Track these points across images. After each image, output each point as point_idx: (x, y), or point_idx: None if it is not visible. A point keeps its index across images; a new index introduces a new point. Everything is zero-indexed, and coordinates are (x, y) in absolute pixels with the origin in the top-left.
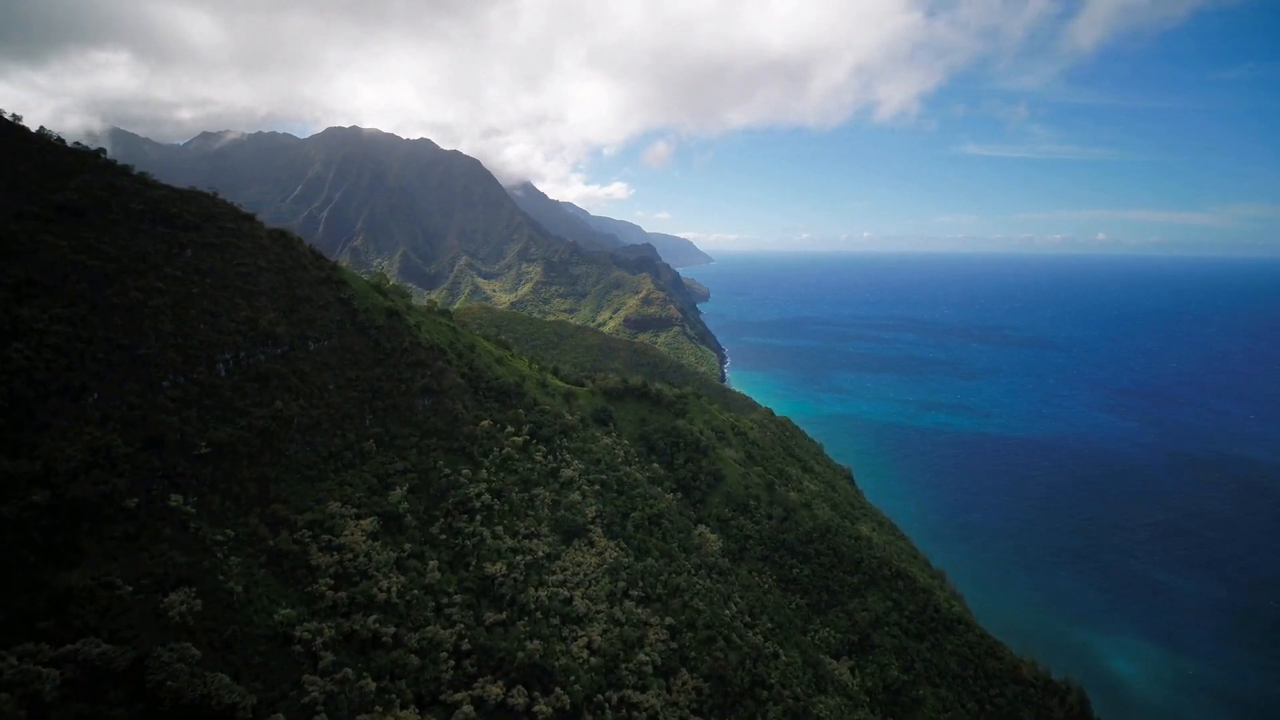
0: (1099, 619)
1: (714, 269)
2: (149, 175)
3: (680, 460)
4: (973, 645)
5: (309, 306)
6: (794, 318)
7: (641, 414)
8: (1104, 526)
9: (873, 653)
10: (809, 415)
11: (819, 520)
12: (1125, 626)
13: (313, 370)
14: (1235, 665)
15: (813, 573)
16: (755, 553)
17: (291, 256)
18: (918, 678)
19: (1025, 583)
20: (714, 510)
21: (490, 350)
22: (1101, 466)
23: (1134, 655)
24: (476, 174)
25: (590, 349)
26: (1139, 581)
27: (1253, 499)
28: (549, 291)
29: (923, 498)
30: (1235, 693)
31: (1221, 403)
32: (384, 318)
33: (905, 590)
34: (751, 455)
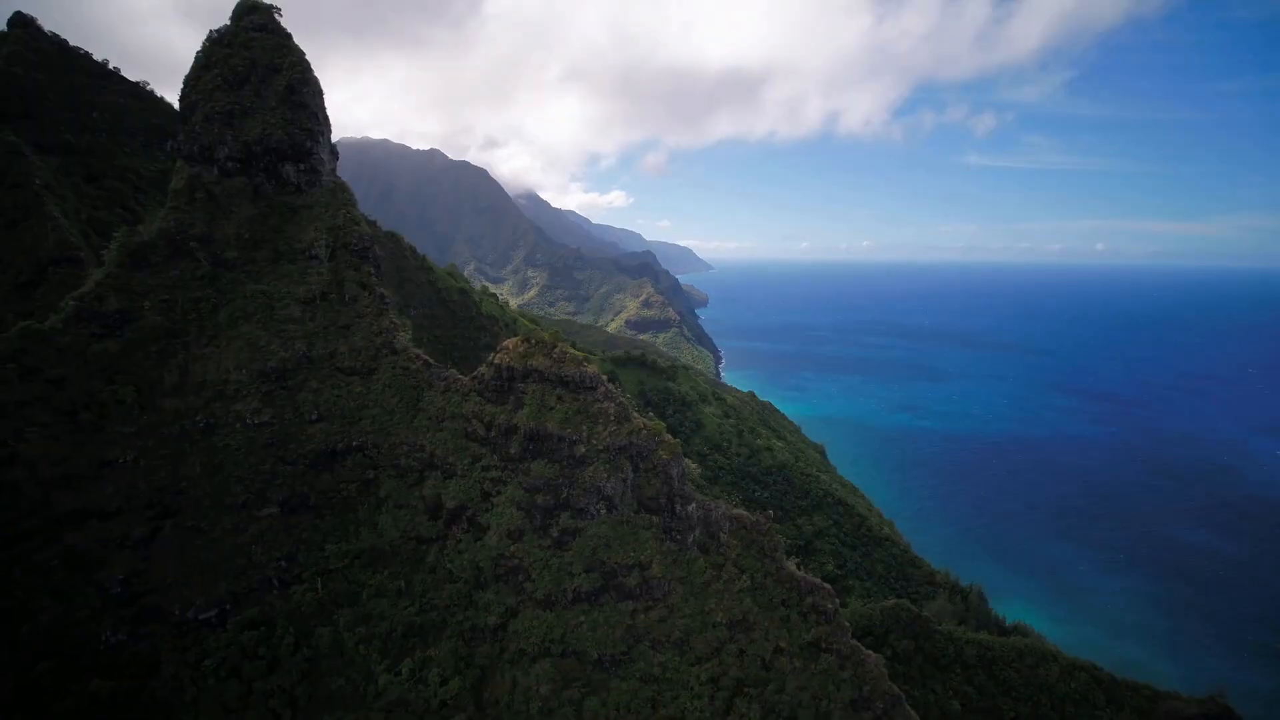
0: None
1: (713, 276)
2: None
3: (670, 411)
4: (897, 557)
5: (410, 285)
6: (790, 324)
7: (640, 377)
8: (1047, 513)
9: (814, 555)
10: (798, 413)
11: (778, 459)
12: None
13: (414, 328)
14: (1108, 596)
15: (770, 496)
16: (726, 480)
17: (399, 249)
18: (848, 574)
19: (978, 556)
20: (695, 448)
21: (526, 324)
22: (1067, 463)
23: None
24: (483, 184)
25: (595, 343)
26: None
27: (1177, 486)
28: (553, 295)
29: (893, 482)
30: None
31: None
32: (457, 294)
33: (844, 514)
34: (728, 415)
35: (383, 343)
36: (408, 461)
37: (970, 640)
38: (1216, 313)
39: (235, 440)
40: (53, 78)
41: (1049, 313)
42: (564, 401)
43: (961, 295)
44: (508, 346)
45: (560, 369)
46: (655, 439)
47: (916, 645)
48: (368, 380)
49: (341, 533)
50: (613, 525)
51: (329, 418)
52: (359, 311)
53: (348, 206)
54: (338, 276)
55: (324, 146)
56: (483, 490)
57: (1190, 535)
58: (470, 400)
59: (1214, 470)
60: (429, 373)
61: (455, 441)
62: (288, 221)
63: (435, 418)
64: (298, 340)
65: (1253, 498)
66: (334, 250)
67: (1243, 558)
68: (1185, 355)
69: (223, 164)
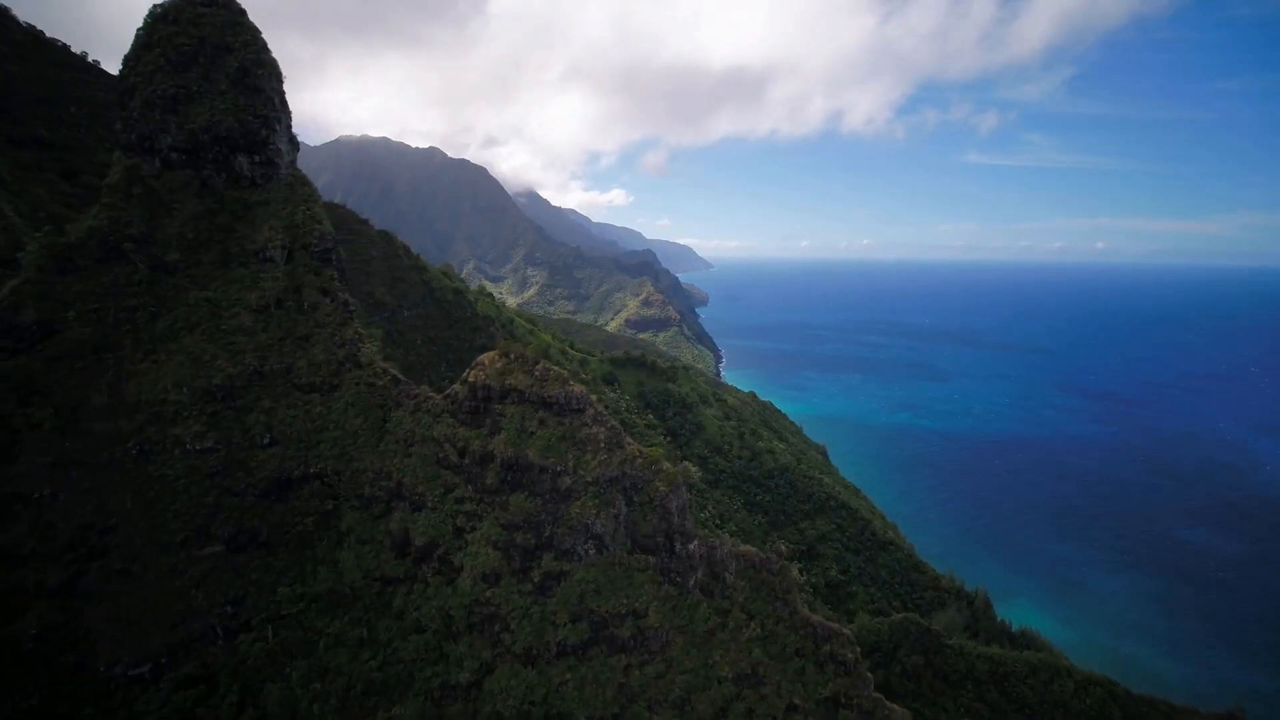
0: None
1: (714, 275)
2: None
3: (670, 413)
4: (901, 561)
5: (403, 284)
6: (791, 322)
7: (640, 378)
8: (1047, 512)
9: (817, 560)
10: (799, 413)
11: (780, 462)
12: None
13: (408, 329)
14: (1116, 600)
15: (772, 499)
16: (727, 483)
17: (392, 249)
18: (852, 579)
19: (981, 558)
20: (696, 451)
21: (523, 324)
22: (1071, 463)
23: (1050, 613)
24: (482, 182)
25: (595, 343)
26: (1071, 561)
27: (1178, 485)
28: (553, 294)
29: (894, 481)
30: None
31: (1206, 408)
32: (452, 294)
33: (848, 518)
34: (729, 416)
35: (346, 355)
36: (372, 491)
37: (982, 655)
38: (1217, 311)
39: (173, 469)
40: (27, 70)
41: (1049, 311)
42: (547, 426)
43: (961, 294)
44: (483, 362)
45: (542, 389)
46: (652, 468)
47: (926, 661)
48: (328, 398)
49: (296, 573)
50: (603, 568)
51: (283, 441)
52: (319, 320)
53: (308, 203)
54: (296, 281)
55: (281, 135)
56: (455, 526)
57: (1192, 535)
58: (443, 422)
59: (1215, 469)
60: (397, 390)
61: (425, 469)
62: (239, 219)
63: (404, 441)
64: (248, 353)
65: (1254, 497)
66: (292, 252)
67: (1244, 557)
68: (1186, 354)
69: (165, 155)
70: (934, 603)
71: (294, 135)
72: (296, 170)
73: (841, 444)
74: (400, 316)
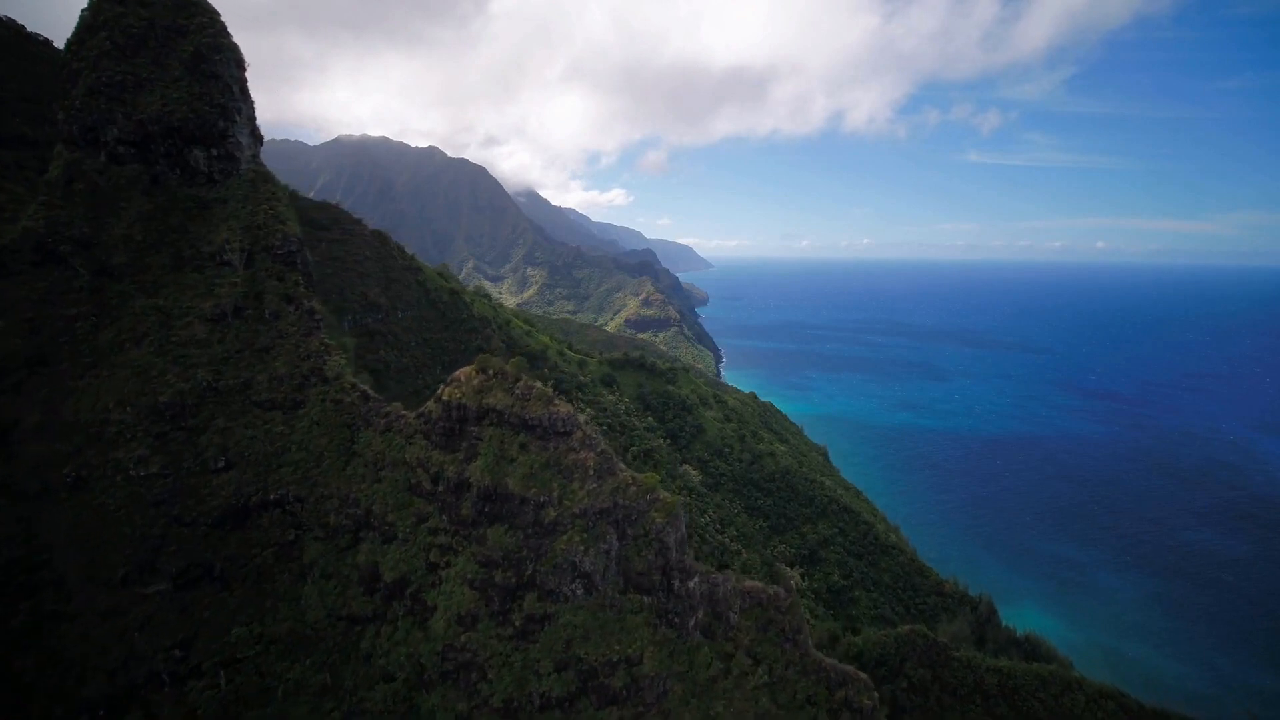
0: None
1: (714, 275)
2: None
3: (670, 416)
4: (904, 566)
5: (397, 285)
6: (790, 322)
7: (639, 380)
8: (1055, 513)
9: (819, 565)
10: (799, 412)
11: (781, 465)
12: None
13: (402, 331)
14: (1123, 600)
15: (774, 503)
16: (727, 486)
17: (385, 249)
18: (855, 584)
19: (982, 560)
20: (696, 454)
21: (520, 325)
22: (1071, 463)
23: (1053, 612)
24: (482, 181)
25: (594, 344)
26: (1074, 561)
27: (1180, 485)
28: (553, 294)
29: (895, 481)
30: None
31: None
32: (447, 295)
33: (850, 522)
34: (729, 418)
35: (310, 369)
36: (338, 520)
37: (991, 668)
38: (1217, 311)
39: (115, 497)
40: (9, 66)
41: (1050, 311)
42: (529, 451)
43: (962, 293)
44: (459, 378)
45: (524, 410)
46: (647, 497)
47: (933, 675)
48: (291, 417)
49: (253, 611)
50: (592, 611)
51: (240, 464)
52: (282, 330)
53: (271, 201)
54: (256, 287)
55: (242, 127)
56: (429, 560)
57: (1194, 535)
58: (415, 444)
59: (1217, 469)
60: (366, 407)
61: (396, 496)
62: (194, 219)
63: (373, 465)
64: (201, 367)
65: (1257, 497)
66: (252, 255)
67: (1247, 557)
68: (1187, 353)
69: (111, 148)
70: (938, 608)
71: (256, 127)
72: (259, 165)
73: (842, 444)
74: (394, 318)
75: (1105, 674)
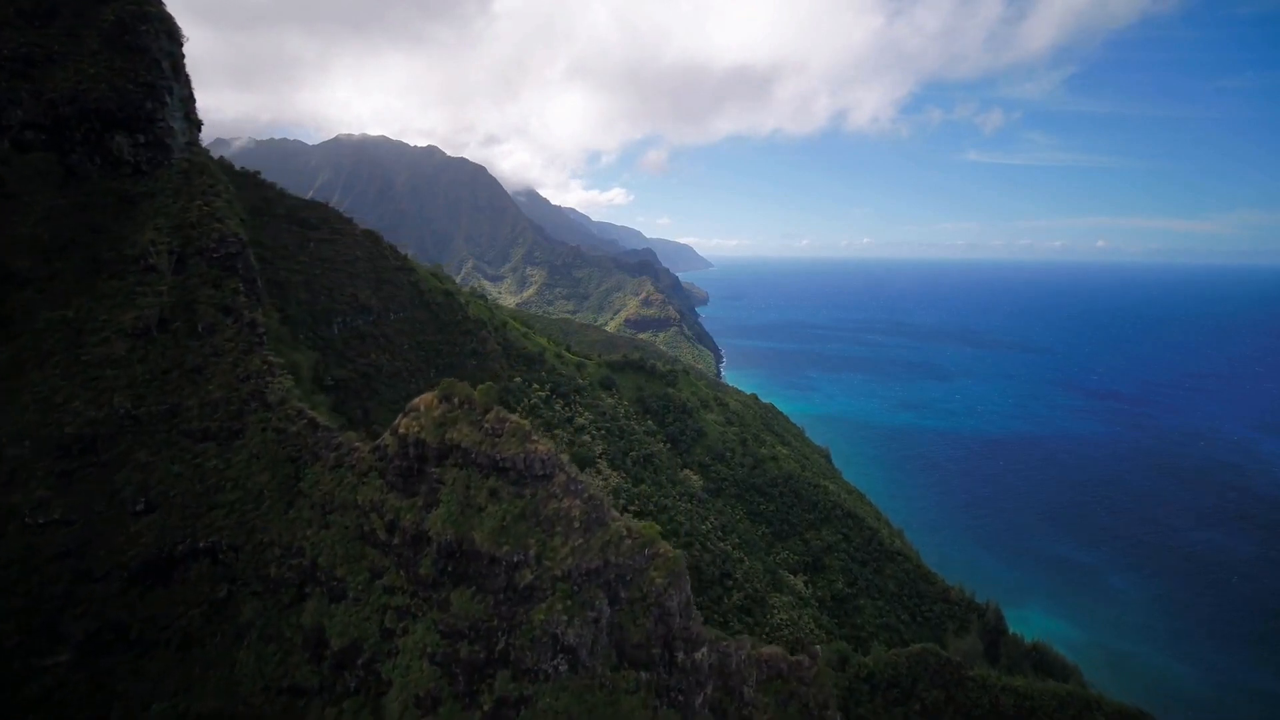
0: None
1: (714, 274)
2: (285, 189)
3: (670, 419)
4: (909, 572)
5: (390, 287)
6: (790, 321)
7: (638, 383)
8: (1059, 516)
9: (823, 572)
10: (800, 412)
11: (783, 469)
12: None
13: (394, 334)
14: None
15: (776, 509)
16: (729, 492)
17: (377, 249)
18: (859, 592)
19: (984, 561)
20: (696, 458)
21: (517, 327)
22: (1072, 463)
23: (1057, 613)
24: (481, 180)
25: (594, 344)
26: (1083, 565)
27: (1183, 485)
28: (553, 294)
29: (897, 481)
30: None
31: (1210, 408)
32: (441, 296)
33: (854, 527)
34: (731, 422)
35: (250, 392)
36: (279, 572)
37: (1007, 688)
38: (1218, 310)
39: (8, 549)
40: None
41: (1050, 310)
42: (500, 499)
43: (962, 293)
44: (418, 407)
45: (494, 448)
46: (644, 552)
47: (947, 696)
48: (226, 449)
49: (178, 683)
50: (577, 692)
51: (164, 506)
52: (216, 347)
53: (209, 195)
54: (187, 296)
55: (174, 110)
56: (383, 625)
57: (1197, 535)
58: (370, 483)
59: (1219, 469)
60: (314, 438)
61: (347, 545)
62: (116, 217)
63: (320, 507)
64: (119, 392)
65: (1260, 498)
66: (184, 258)
67: (1250, 558)
68: (1189, 353)
69: (16, 133)
70: (944, 616)
71: (192, 110)
72: (197, 154)
73: (844, 445)
74: (386, 320)
75: (1109, 675)
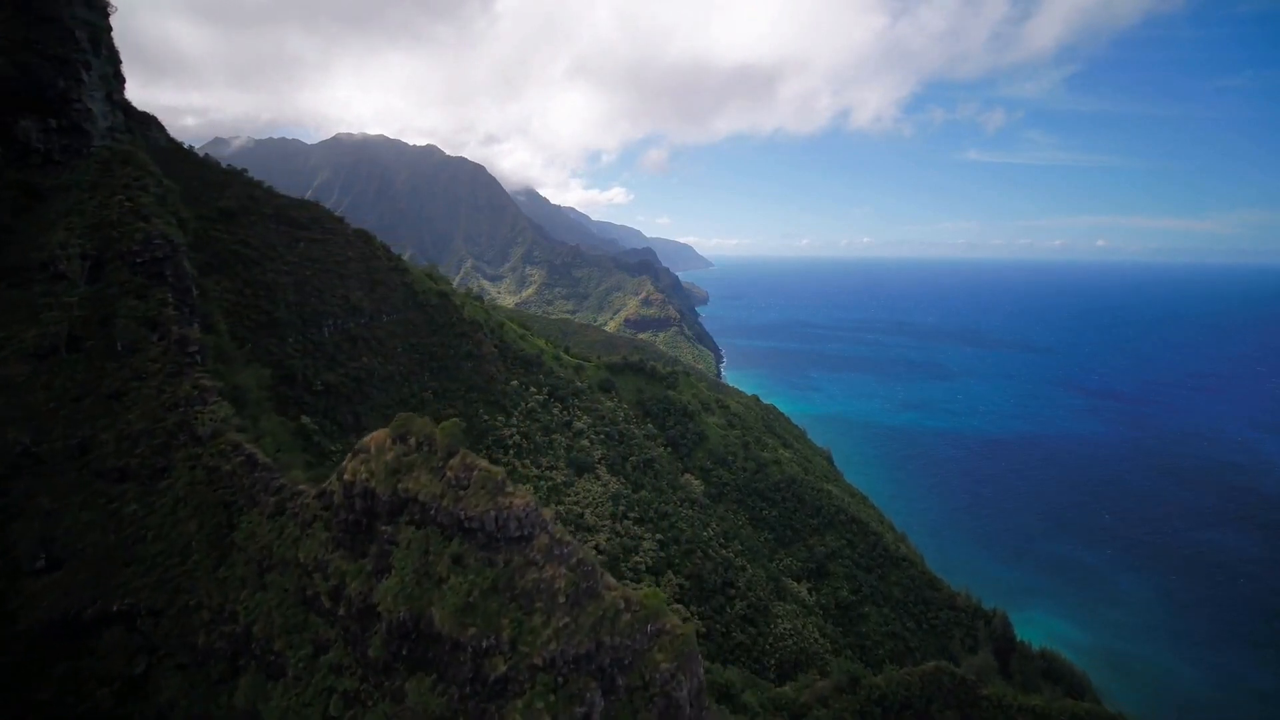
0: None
1: (714, 274)
2: (274, 187)
3: (670, 423)
4: (915, 579)
5: (383, 288)
6: (791, 321)
7: (638, 385)
8: (1064, 517)
9: (827, 579)
10: (801, 413)
11: (786, 474)
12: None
13: (387, 336)
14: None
15: (779, 515)
16: (731, 497)
17: (370, 249)
18: (864, 599)
19: (986, 562)
20: (698, 462)
21: (514, 328)
22: (1074, 463)
23: (1061, 614)
24: (481, 180)
25: (593, 345)
26: (1090, 567)
27: (1185, 485)
28: (552, 294)
29: (899, 481)
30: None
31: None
32: (436, 298)
33: (858, 533)
34: (732, 424)
35: (178, 423)
36: (208, 641)
37: (1023, 707)
38: (1219, 309)
39: None
40: None
41: (1051, 310)
42: (465, 568)
43: (963, 292)
44: (368, 449)
45: (459, 503)
46: (647, 629)
47: (963, 717)
48: (147, 492)
49: None
50: None
51: (71, 562)
52: (140, 369)
53: (134, 190)
54: (104, 309)
55: (94, 89)
56: (327, 714)
57: (1199, 535)
58: (314, 535)
59: (1221, 469)
60: (251, 480)
61: (287, 612)
62: (20, 214)
63: (257, 563)
64: (15, 424)
65: (1264, 498)
66: (101, 263)
67: (1252, 558)
68: (1190, 352)
69: None
70: (950, 623)
71: (118, 91)
72: (123, 142)
73: (845, 446)
74: (379, 322)
75: (1113, 677)
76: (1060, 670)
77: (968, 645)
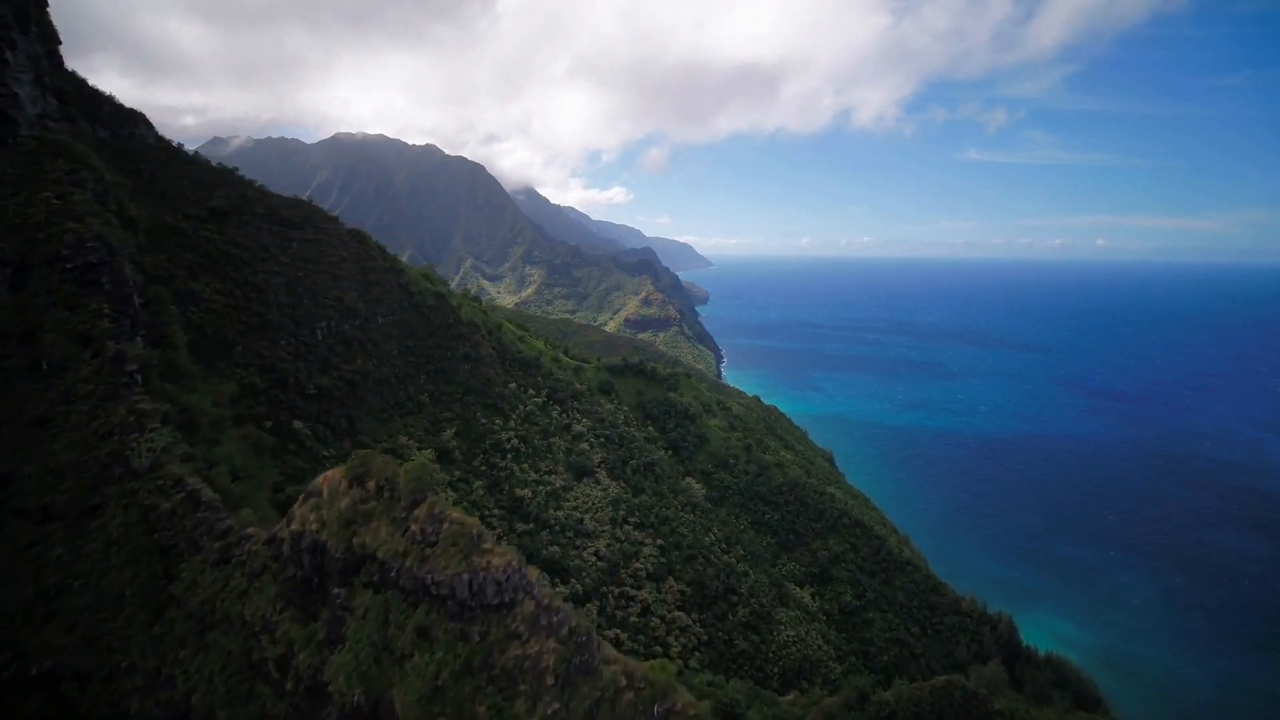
0: (1041, 592)
1: (714, 273)
2: (273, 187)
3: (671, 425)
4: (919, 583)
5: (378, 289)
6: (791, 320)
7: (639, 387)
8: (1064, 518)
9: (831, 584)
10: (801, 413)
11: (789, 476)
12: (1061, 596)
13: (382, 338)
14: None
15: (781, 518)
16: (733, 500)
17: (364, 249)
18: (868, 604)
19: (988, 563)
20: (699, 465)
21: (513, 330)
22: (1075, 463)
23: (1064, 615)
24: (480, 179)
25: (593, 345)
26: (1095, 568)
27: (1188, 485)
28: (552, 293)
29: (901, 481)
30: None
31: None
32: (433, 299)
33: (862, 536)
34: (734, 426)
35: (111, 455)
36: (141, 710)
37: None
38: (1220, 309)
39: None
40: None
41: (1051, 309)
42: (433, 643)
43: (963, 291)
44: (320, 493)
45: (424, 564)
46: (654, 711)
47: None
48: (75, 534)
49: None
50: None
51: None
52: (69, 391)
53: (66, 186)
54: (29, 322)
55: (20, 71)
56: None
57: (1201, 534)
58: (262, 589)
59: (1223, 468)
60: (193, 521)
61: (230, 680)
62: None
63: (198, 620)
64: None
65: (1265, 497)
66: (26, 269)
67: (1255, 558)
68: (1191, 352)
69: None
70: (956, 628)
71: (46, 74)
72: (54, 132)
73: (847, 446)
74: (373, 324)
75: (1116, 677)
76: (1068, 678)
77: (974, 651)
